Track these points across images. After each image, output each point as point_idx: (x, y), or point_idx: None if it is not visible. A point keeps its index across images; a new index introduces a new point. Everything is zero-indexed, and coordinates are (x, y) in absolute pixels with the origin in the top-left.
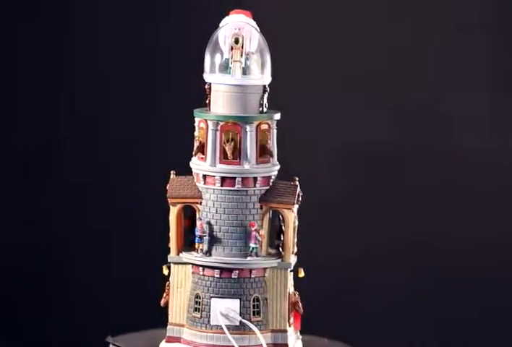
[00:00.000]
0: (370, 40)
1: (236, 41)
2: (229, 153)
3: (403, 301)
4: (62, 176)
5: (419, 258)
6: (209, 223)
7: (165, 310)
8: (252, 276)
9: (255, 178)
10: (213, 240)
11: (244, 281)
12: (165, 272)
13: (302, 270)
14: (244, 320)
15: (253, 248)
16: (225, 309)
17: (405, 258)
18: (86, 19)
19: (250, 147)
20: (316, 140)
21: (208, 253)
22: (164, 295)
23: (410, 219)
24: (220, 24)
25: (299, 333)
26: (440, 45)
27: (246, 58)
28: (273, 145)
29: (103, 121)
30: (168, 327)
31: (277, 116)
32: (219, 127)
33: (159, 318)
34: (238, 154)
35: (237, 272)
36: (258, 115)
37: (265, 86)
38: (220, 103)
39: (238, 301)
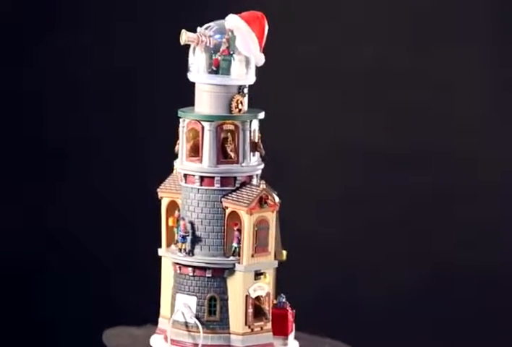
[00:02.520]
0: (369, 39)
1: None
2: (189, 151)
3: (404, 301)
4: (60, 175)
5: (419, 257)
6: (191, 223)
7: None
8: (207, 275)
9: (213, 178)
10: (194, 239)
11: (200, 279)
12: None
13: (267, 274)
14: (193, 318)
15: (235, 248)
16: (183, 304)
17: (405, 258)
18: (85, 19)
19: (208, 146)
20: (314, 140)
21: (191, 253)
22: None
23: (410, 218)
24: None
25: (287, 340)
26: (440, 45)
27: (224, 59)
28: (243, 147)
29: (102, 120)
30: (159, 319)
31: (245, 118)
32: (185, 124)
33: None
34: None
35: (191, 269)
36: (214, 115)
37: (240, 87)
38: (198, 101)
39: (195, 298)
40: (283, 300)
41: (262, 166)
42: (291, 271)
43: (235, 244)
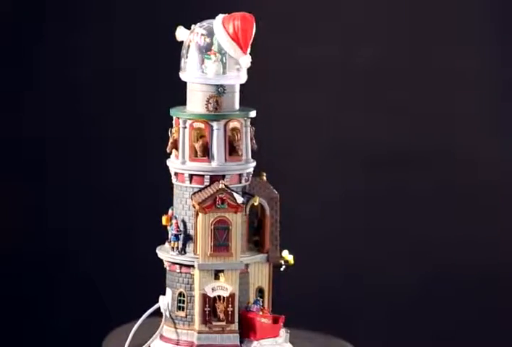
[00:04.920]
0: (369, 39)
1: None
2: (168, 147)
3: (404, 301)
4: (60, 175)
5: (419, 258)
6: (183, 221)
7: None
8: (177, 270)
9: (183, 174)
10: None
11: (173, 274)
12: None
13: (221, 275)
14: (163, 311)
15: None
16: (162, 298)
17: (405, 258)
18: (85, 19)
19: (182, 143)
20: (314, 140)
21: (183, 251)
22: None
23: (409, 218)
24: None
25: (258, 344)
26: (440, 45)
27: (206, 58)
28: (212, 146)
29: (104, 120)
30: None
31: (213, 117)
32: (174, 121)
33: None
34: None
35: (167, 263)
36: (186, 112)
37: (217, 86)
38: (187, 99)
39: (170, 292)
40: (257, 303)
41: (243, 166)
42: (291, 271)
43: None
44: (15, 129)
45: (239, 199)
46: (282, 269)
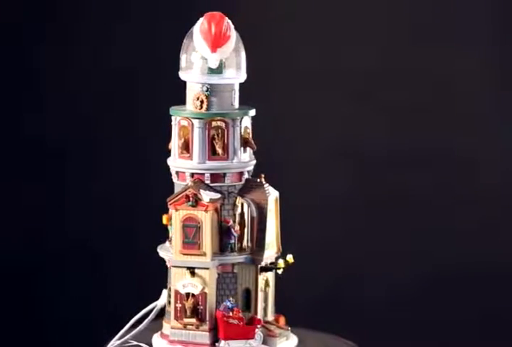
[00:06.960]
0: (369, 39)
1: None
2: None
3: (404, 301)
4: (60, 175)
5: (419, 258)
6: None
7: None
8: (168, 265)
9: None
10: None
11: (167, 270)
12: None
13: (189, 271)
14: (159, 306)
15: (228, 243)
16: (164, 292)
17: (405, 258)
18: (85, 19)
19: (173, 140)
20: (314, 140)
21: None
22: None
23: (410, 218)
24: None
25: (225, 343)
26: (440, 45)
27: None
28: (193, 144)
29: (104, 120)
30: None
31: (194, 115)
32: None
33: None
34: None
35: (165, 259)
36: (174, 110)
37: (202, 84)
38: None
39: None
40: (226, 303)
41: (226, 166)
42: (291, 271)
43: (229, 241)
44: (15, 129)
45: (206, 198)
46: (280, 272)
